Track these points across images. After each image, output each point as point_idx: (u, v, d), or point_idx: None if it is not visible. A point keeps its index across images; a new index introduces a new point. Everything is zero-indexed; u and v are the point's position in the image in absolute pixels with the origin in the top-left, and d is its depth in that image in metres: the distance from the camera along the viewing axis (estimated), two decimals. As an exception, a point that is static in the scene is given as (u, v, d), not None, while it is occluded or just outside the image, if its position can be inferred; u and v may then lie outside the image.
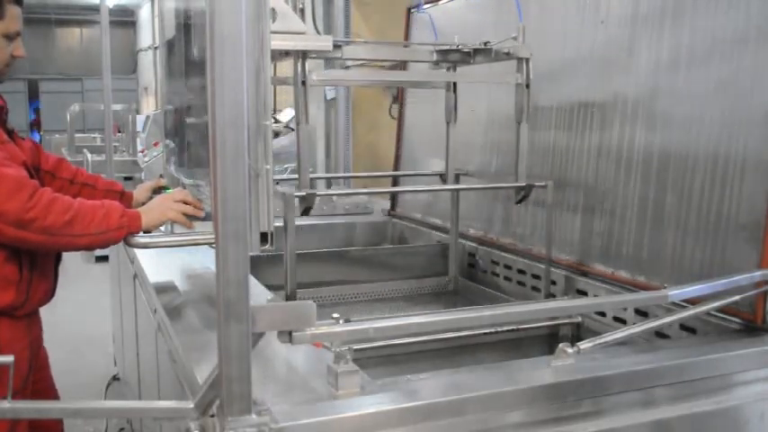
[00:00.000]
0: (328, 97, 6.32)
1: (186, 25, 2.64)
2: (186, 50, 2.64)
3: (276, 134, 5.92)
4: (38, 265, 2.41)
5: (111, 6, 8.85)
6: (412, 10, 3.79)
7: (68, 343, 5.89)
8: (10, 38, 2.43)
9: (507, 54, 2.60)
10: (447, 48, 2.74)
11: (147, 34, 20.94)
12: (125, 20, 22.62)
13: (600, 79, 2.60)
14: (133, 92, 22.65)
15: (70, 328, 6.24)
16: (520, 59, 2.60)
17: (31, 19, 21.77)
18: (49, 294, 2.54)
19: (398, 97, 4.21)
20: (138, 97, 22.45)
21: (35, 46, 22.14)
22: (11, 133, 2.46)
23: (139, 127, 10.73)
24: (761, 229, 1.97)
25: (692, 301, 1.95)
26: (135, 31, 23.99)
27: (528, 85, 2.62)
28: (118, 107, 9.76)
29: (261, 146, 1.65)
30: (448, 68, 2.87)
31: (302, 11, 2.23)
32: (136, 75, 23.68)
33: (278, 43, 2.10)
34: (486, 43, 2.67)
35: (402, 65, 3.61)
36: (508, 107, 2.71)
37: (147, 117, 10.97)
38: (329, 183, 6.32)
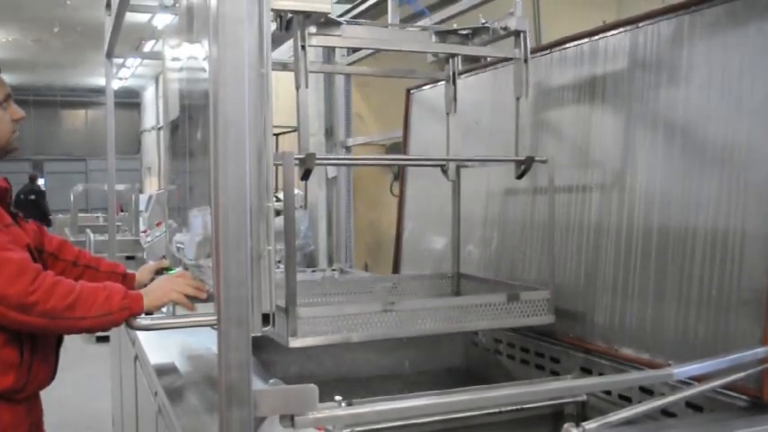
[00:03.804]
0: (329, 176, 6.38)
1: (190, 106, 2.68)
2: (189, 131, 2.68)
3: (278, 213, 5.92)
4: (39, 348, 2.39)
5: (116, 88, 9.01)
6: (412, 91, 3.85)
7: (67, 424, 5.81)
8: (2, 106, 2.45)
9: (505, 29, 2.62)
10: (445, 29, 2.76)
11: (152, 115, 21.23)
12: (130, 101, 22.95)
13: (596, 158, 2.63)
14: (137, 172, 22.86)
15: (70, 409, 6.16)
16: (517, 34, 2.62)
17: (37, 101, 22.20)
18: (49, 377, 2.51)
19: (399, 175, 4.25)
20: (142, 177, 22.64)
21: (41, 127, 22.45)
22: (15, 216, 2.48)
23: (142, 206, 10.79)
24: (762, 304, 1.96)
25: (698, 378, 1.93)
26: (139, 112, 24.33)
27: (526, 60, 2.63)
28: (121, 187, 9.84)
29: (263, 227, 1.66)
30: (447, 59, 2.92)
31: None
32: (139, 155, 23.91)
33: (279, 3, 2.10)
34: (484, 22, 2.70)
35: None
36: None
37: (150, 197, 11.04)
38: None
